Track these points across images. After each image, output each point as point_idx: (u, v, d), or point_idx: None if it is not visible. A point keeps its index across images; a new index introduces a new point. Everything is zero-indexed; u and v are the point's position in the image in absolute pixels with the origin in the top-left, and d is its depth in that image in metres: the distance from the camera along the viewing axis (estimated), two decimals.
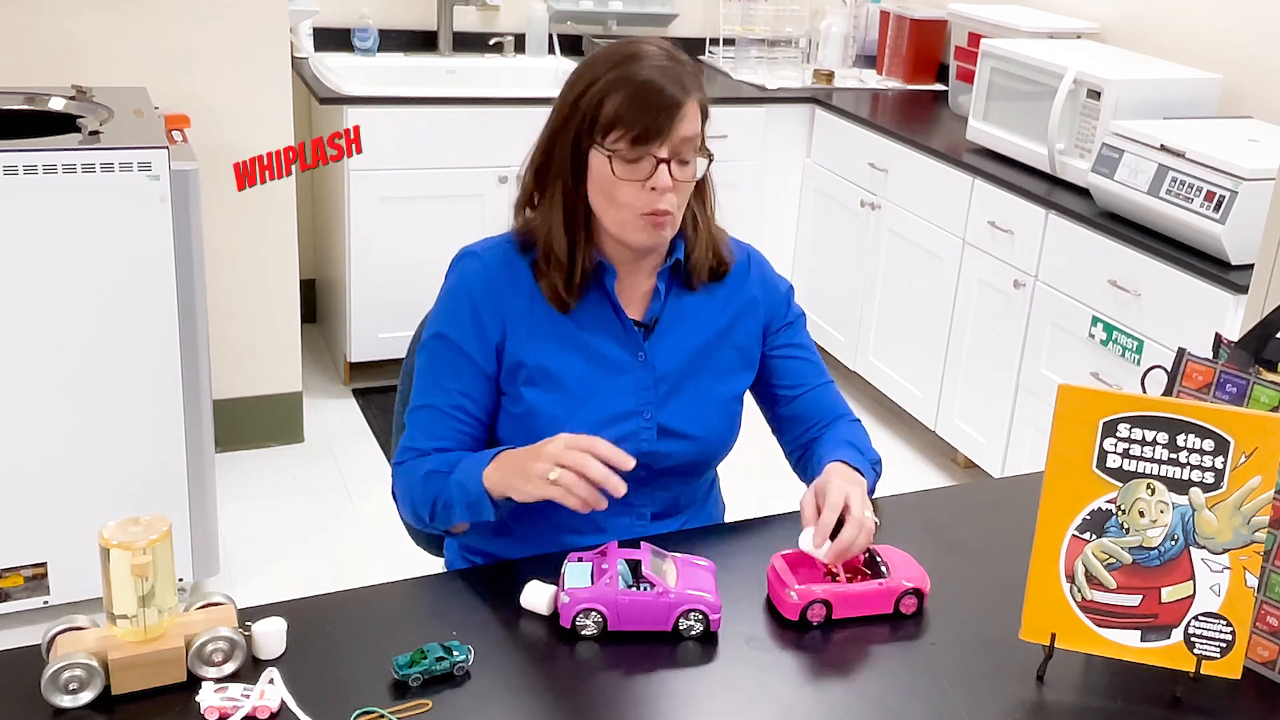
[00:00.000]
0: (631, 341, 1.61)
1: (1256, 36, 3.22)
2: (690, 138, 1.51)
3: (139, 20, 2.98)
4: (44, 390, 2.46)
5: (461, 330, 1.58)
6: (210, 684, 1.20)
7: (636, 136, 1.48)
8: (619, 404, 1.59)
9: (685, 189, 1.55)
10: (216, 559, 2.72)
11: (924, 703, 1.29)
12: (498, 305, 1.58)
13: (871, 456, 1.66)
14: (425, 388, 1.60)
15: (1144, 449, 1.27)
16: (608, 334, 1.60)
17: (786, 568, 1.44)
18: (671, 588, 1.35)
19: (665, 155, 1.49)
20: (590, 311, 1.60)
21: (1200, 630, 1.29)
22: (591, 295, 1.60)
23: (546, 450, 1.40)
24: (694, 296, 1.65)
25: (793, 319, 1.74)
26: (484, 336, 1.58)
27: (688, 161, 1.52)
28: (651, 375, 1.61)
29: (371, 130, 3.48)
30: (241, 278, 3.25)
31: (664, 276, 1.62)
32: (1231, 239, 2.62)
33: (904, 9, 4.25)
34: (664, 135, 1.48)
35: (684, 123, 1.50)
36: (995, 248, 3.27)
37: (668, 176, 1.50)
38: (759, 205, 4.06)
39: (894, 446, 3.78)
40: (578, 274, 1.57)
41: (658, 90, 1.48)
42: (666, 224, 1.54)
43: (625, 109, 1.48)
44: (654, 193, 1.50)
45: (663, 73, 1.49)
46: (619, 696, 1.28)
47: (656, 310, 1.62)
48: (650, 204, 1.51)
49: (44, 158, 2.33)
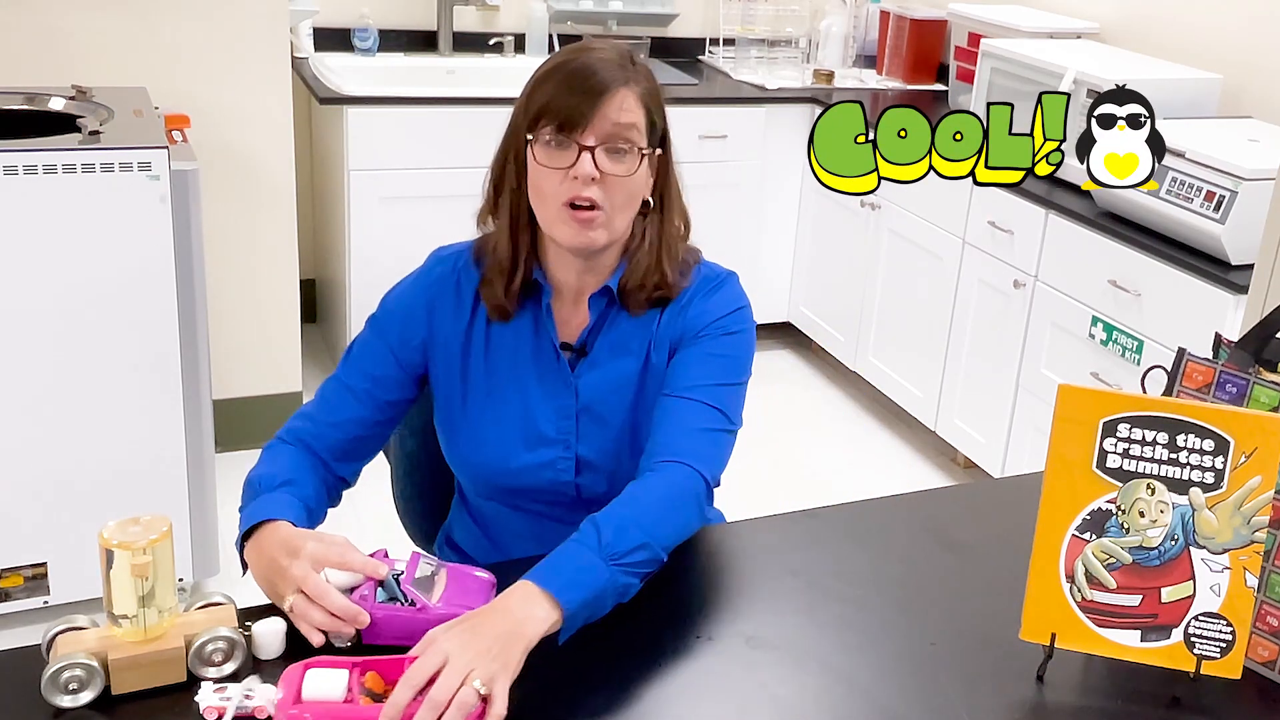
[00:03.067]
0: (561, 368, 1.55)
1: (1256, 36, 3.22)
2: (624, 125, 1.44)
3: (139, 20, 2.98)
4: (44, 390, 2.46)
5: (392, 321, 1.58)
6: (210, 684, 1.20)
7: (562, 122, 1.43)
8: (540, 431, 1.54)
9: (619, 185, 1.45)
10: (216, 559, 2.72)
11: (924, 703, 1.29)
12: (441, 315, 1.56)
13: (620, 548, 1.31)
14: (345, 360, 1.60)
15: (1144, 449, 1.27)
16: (539, 357, 1.55)
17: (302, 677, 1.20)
18: (431, 603, 1.28)
19: (591, 143, 1.43)
20: (525, 332, 1.55)
21: (1200, 630, 1.29)
22: (529, 314, 1.55)
23: (291, 572, 1.29)
24: (632, 323, 1.54)
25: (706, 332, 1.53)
26: (413, 337, 1.56)
27: (621, 152, 1.44)
28: (574, 405, 1.54)
29: (371, 130, 3.48)
30: (241, 278, 3.25)
31: (596, 302, 1.53)
32: (1231, 239, 2.62)
33: (904, 9, 4.25)
34: (588, 120, 1.42)
35: (614, 109, 1.43)
36: (995, 248, 3.27)
37: (590, 164, 1.42)
38: (759, 205, 4.06)
39: (894, 446, 3.78)
40: (516, 281, 1.52)
41: (586, 75, 1.43)
42: (594, 222, 1.45)
43: (553, 94, 1.44)
44: (577, 182, 1.43)
45: (600, 62, 1.44)
46: (619, 696, 1.28)
47: (587, 336, 1.55)
48: (572, 191, 1.43)
49: (44, 158, 2.33)
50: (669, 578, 1.46)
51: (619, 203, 1.47)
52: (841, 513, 1.67)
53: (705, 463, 1.44)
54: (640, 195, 1.50)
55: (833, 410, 4.01)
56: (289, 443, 1.55)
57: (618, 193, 1.46)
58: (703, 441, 1.46)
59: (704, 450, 1.45)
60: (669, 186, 1.56)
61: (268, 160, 3.20)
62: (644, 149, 1.47)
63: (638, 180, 1.48)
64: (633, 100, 1.45)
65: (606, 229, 1.47)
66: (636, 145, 1.46)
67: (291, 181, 3.25)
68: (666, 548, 1.38)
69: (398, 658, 1.21)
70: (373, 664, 1.20)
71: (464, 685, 1.14)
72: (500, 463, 1.56)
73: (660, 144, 1.53)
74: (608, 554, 1.31)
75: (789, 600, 1.46)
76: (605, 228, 1.47)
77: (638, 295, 1.53)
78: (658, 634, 1.37)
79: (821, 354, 4.26)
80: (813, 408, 4.01)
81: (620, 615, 1.39)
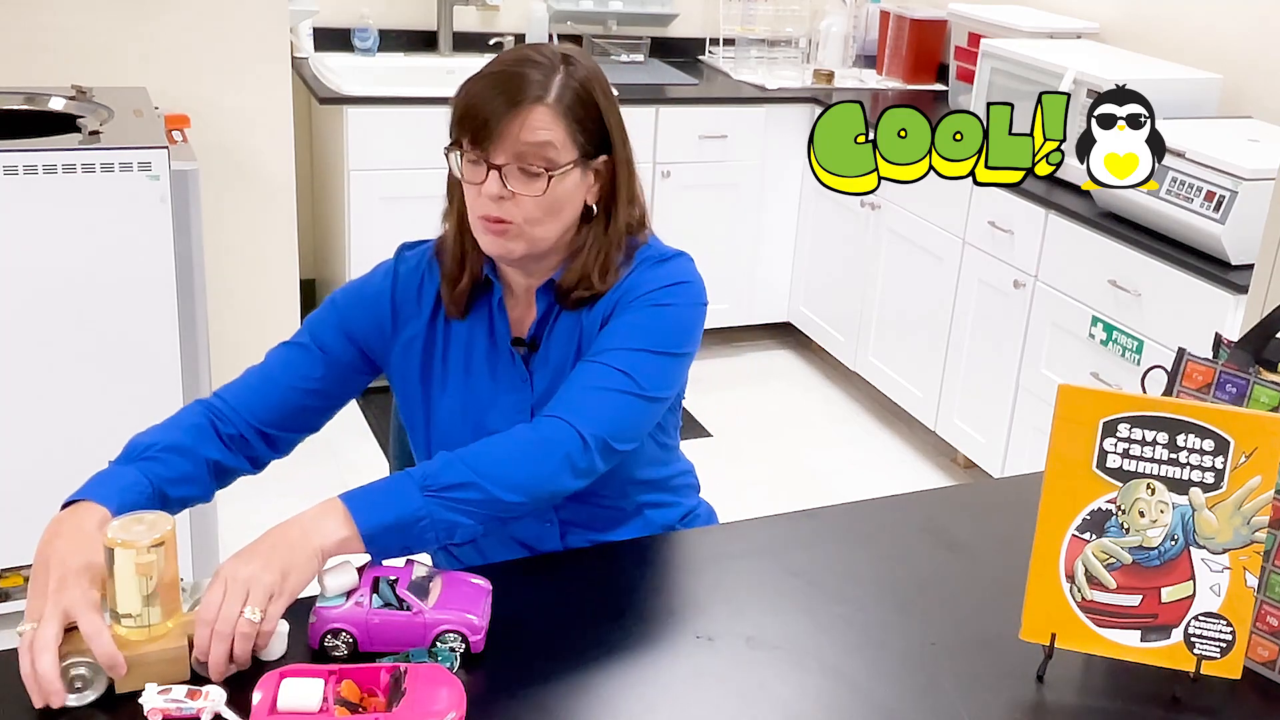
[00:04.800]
0: (516, 363, 1.55)
1: (1256, 36, 3.23)
2: (536, 145, 1.41)
3: (139, 20, 2.98)
4: (44, 390, 2.46)
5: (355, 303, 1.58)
6: (154, 686, 1.18)
7: (473, 136, 1.42)
8: (495, 424, 1.51)
9: (533, 204, 1.42)
10: (216, 559, 2.72)
11: (924, 703, 1.29)
12: (405, 311, 1.57)
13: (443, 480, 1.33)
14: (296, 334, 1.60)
15: (1144, 449, 1.27)
16: (493, 353, 1.56)
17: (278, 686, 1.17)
18: (427, 608, 1.28)
19: (500, 161, 1.41)
20: (481, 325, 1.56)
21: (1200, 630, 1.29)
22: (484, 311, 1.55)
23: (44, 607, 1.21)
24: (569, 317, 1.53)
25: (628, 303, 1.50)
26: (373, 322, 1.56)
27: (535, 174, 1.42)
28: (530, 398, 1.55)
29: (371, 130, 3.48)
30: (241, 278, 3.25)
31: (542, 296, 1.53)
32: (1231, 239, 2.62)
33: (904, 9, 4.25)
34: (494, 139, 1.40)
35: (524, 129, 1.40)
36: (995, 248, 3.27)
37: (497, 184, 1.41)
38: (759, 205, 4.06)
39: (894, 446, 3.78)
40: (464, 281, 1.52)
41: (502, 90, 1.41)
42: (508, 234, 1.44)
43: (470, 104, 1.43)
44: (487, 199, 1.43)
45: (520, 76, 1.41)
46: (619, 696, 1.28)
47: (536, 329, 1.55)
48: (484, 209, 1.43)
49: (44, 158, 2.33)
50: (669, 577, 1.46)
51: (536, 217, 1.44)
52: (841, 513, 1.67)
53: (587, 420, 1.40)
54: (567, 206, 1.47)
55: (833, 410, 4.01)
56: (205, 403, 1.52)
57: (532, 209, 1.43)
58: (593, 399, 1.43)
59: (590, 408, 1.42)
60: (616, 190, 1.51)
61: (268, 160, 3.20)
62: (562, 166, 1.43)
63: (556, 196, 1.44)
64: (548, 118, 1.42)
65: (523, 239, 1.45)
66: (551, 165, 1.42)
67: (291, 182, 3.25)
68: (511, 490, 1.35)
69: (374, 666, 1.21)
70: (349, 673, 1.20)
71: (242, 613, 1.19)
72: None
73: (601, 148, 1.49)
74: (424, 484, 1.32)
75: (789, 600, 1.46)
76: (521, 239, 1.45)
77: (572, 295, 1.51)
78: (658, 634, 1.37)
79: (821, 354, 4.26)
80: (813, 408, 4.01)
81: (620, 615, 1.40)
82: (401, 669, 1.19)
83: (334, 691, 1.17)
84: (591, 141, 1.47)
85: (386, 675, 1.20)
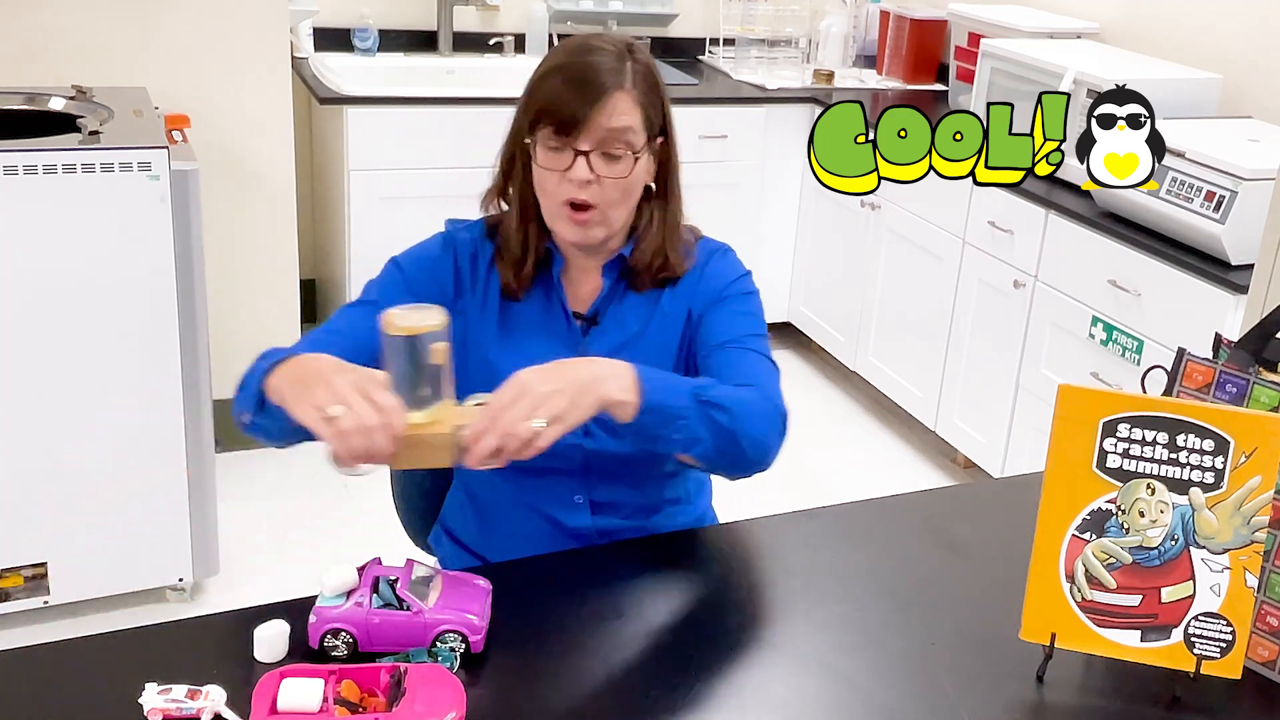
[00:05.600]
0: (572, 335, 1.59)
1: (1256, 36, 3.23)
2: (618, 130, 1.48)
3: (139, 20, 2.98)
4: (44, 390, 2.46)
5: (415, 267, 1.59)
6: (154, 685, 1.18)
7: (559, 126, 1.48)
8: None
9: (615, 186, 1.50)
10: (216, 559, 2.72)
11: (924, 703, 1.29)
12: (459, 277, 1.59)
13: (709, 395, 1.40)
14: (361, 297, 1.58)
15: (1144, 449, 1.27)
16: (550, 324, 1.59)
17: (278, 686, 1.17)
18: (426, 608, 1.28)
19: (587, 147, 1.48)
20: (537, 300, 1.60)
21: (1200, 630, 1.29)
22: (540, 283, 1.60)
23: (335, 381, 1.25)
24: (639, 296, 1.61)
25: (728, 295, 1.61)
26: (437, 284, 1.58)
27: (616, 157, 1.49)
28: None
29: (372, 130, 3.48)
30: (241, 278, 3.25)
31: (609, 272, 1.60)
32: (1231, 239, 2.62)
33: (904, 9, 4.25)
34: (583, 126, 1.47)
35: (609, 115, 1.47)
36: (995, 248, 3.27)
37: (585, 169, 1.48)
38: (759, 205, 4.06)
39: (894, 446, 3.78)
40: (528, 264, 1.57)
41: (584, 80, 1.47)
42: (591, 220, 1.51)
43: (552, 97, 1.48)
44: (573, 184, 1.49)
45: (598, 65, 1.48)
46: (618, 696, 1.28)
47: (600, 304, 1.60)
48: (570, 193, 1.49)
49: (44, 158, 2.33)
50: (669, 577, 1.46)
51: (615, 200, 1.52)
52: (841, 513, 1.67)
53: (779, 398, 1.49)
54: (638, 187, 1.55)
55: (833, 410, 4.01)
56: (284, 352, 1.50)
57: (613, 191, 1.51)
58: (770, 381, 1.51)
59: (774, 388, 1.51)
60: (671, 171, 1.60)
61: (268, 160, 3.20)
62: (638, 151, 1.51)
63: (634, 178, 1.53)
64: (628, 103, 1.49)
65: (604, 225, 1.53)
66: (631, 147, 1.50)
67: (291, 181, 3.25)
68: (741, 430, 1.40)
69: (374, 666, 1.21)
70: (349, 673, 1.20)
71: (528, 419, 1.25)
72: None
73: (661, 132, 1.57)
74: (696, 392, 1.39)
75: (789, 600, 1.46)
76: (602, 224, 1.53)
77: (644, 275, 1.59)
78: (658, 634, 1.37)
79: (821, 354, 4.26)
80: (813, 408, 4.01)
81: (620, 615, 1.40)
82: (401, 669, 1.19)
83: (334, 691, 1.17)
84: (656, 124, 1.54)
85: (386, 675, 1.20)
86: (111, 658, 1.29)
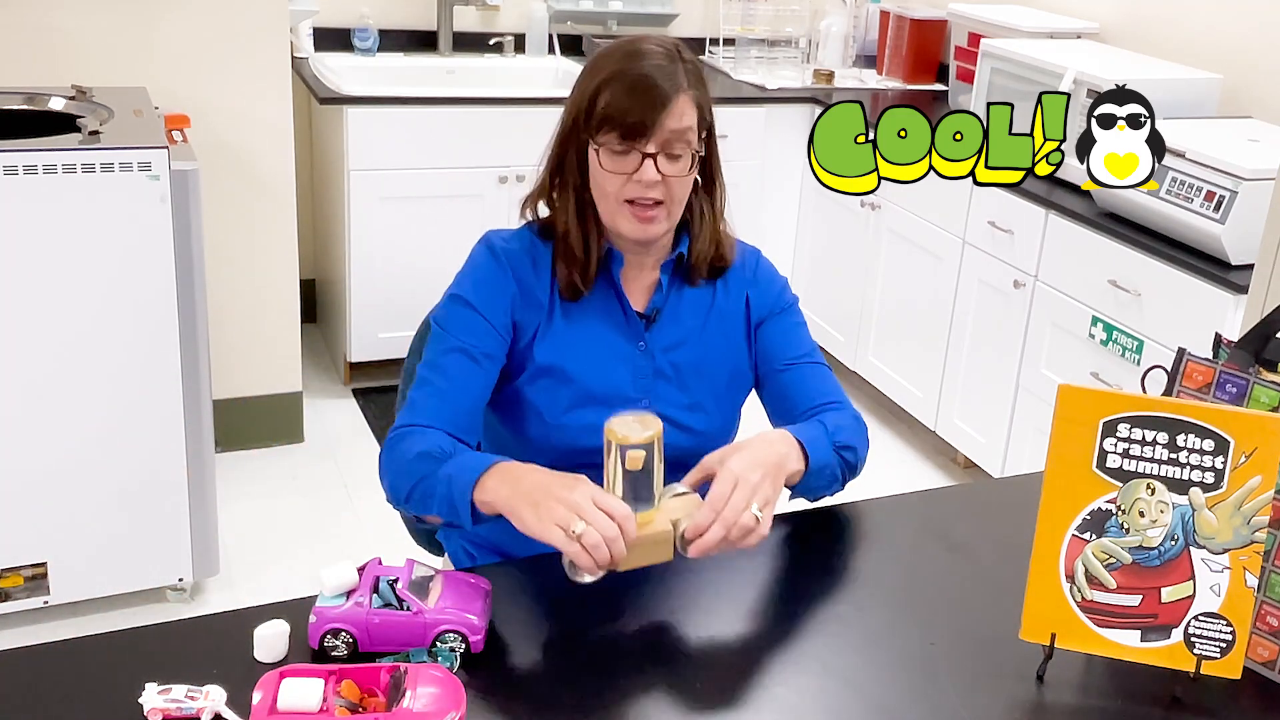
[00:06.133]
0: (633, 331, 1.63)
1: (1256, 36, 3.23)
2: (680, 131, 1.52)
3: (139, 20, 2.98)
4: (44, 390, 2.46)
5: (481, 296, 1.59)
6: (154, 685, 1.18)
7: (625, 132, 1.51)
8: (617, 392, 1.60)
9: (677, 183, 1.55)
10: (216, 559, 2.72)
11: (924, 703, 1.29)
12: (521, 286, 1.60)
13: (839, 439, 1.56)
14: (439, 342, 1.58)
15: (1144, 449, 1.27)
16: (611, 322, 1.62)
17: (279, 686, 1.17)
18: (427, 607, 1.28)
19: (652, 150, 1.52)
20: (597, 300, 1.62)
21: (1200, 630, 1.29)
22: (599, 283, 1.62)
23: (571, 498, 1.31)
24: (695, 290, 1.66)
25: (784, 306, 1.72)
26: (503, 308, 1.59)
27: (678, 156, 1.53)
28: (651, 365, 1.63)
29: (371, 130, 3.48)
30: (241, 278, 3.25)
31: (668, 269, 1.64)
32: (1231, 239, 2.62)
33: (904, 9, 4.25)
34: (650, 131, 1.51)
35: (672, 118, 1.51)
36: (995, 248, 3.27)
37: (654, 171, 1.52)
38: (759, 205, 4.06)
39: (894, 446, 3.78)
40: (592, 265, 1.60)
41: (647, 87, 1.50)
42: (656, 217, 1.56)
43: (615, 105, 1.51)
44: (640, 184, 1.53)
45: (656, 70, 1.51)
46: (618, 696, 1.28)
47: (659, 301, 1.63)
48: (635, 193, 1.53)
49: (44, 158, 2.33)
50: (668, 577, 1.46)
51: (678, 196, 1.57)
52: (841, 513, 1.67)
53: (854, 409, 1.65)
54: (692, 180, 1.60)
55: None
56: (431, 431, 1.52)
57: (677, 188, 1.56)
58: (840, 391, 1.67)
59: (848, 400, 1.66)
60: (715, 163, 1.65)
61: (268, 160, 3.20)
62: (698, 147, 1.57)
63: (693, 173, 1.58)
64: (687, 104, 1.53)
65: (667, 220, 1.58)
66: (691, 146, 1.55)
67: (291, 181, 3.25)
68: (861, 459, 1.60)
69: (374, 666, 1.21)
70: (349, 673, 1.20)
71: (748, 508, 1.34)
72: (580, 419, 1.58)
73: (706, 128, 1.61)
74: (833, 438, 1.54)
75: (790, 600, 1.46)
76: (666, 220, 1.58)
77: (701, 266, 1.65)
78: (657, 634, 1.37)
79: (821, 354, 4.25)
80: None
81: (620, 615, 1.40)
82: (401, 669, 1.19)
83: (334, 691, 1.17)
84: (707, 120, 1.60)
85: (386, 675, 1.20)
86: (111, 658, 1.29)
